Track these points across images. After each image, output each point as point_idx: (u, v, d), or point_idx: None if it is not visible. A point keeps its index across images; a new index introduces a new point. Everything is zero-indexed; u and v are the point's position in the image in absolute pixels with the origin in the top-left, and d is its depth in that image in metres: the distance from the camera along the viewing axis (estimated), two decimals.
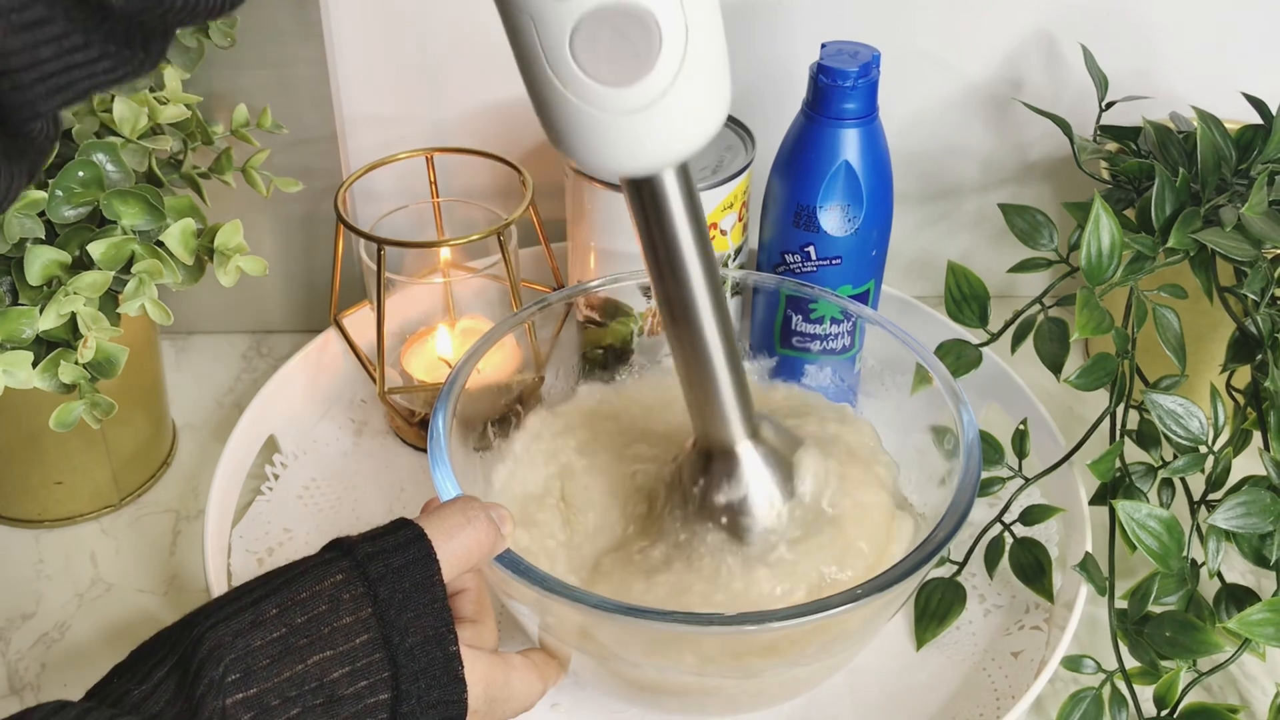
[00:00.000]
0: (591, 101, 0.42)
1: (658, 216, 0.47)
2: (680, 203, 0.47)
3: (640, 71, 0.42)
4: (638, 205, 0.47)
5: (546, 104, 0.43)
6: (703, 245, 0.48)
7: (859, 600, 0.49)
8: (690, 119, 0.44)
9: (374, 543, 0.45)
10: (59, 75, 0.35)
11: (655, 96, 0.42)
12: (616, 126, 0.43)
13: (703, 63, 0.43)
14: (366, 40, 0.80)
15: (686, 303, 0.49)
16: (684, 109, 0.43)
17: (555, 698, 0.61)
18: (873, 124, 0.66)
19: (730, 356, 0.51)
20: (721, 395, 0.52)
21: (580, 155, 0.44)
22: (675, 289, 0.49)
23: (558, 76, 0.42)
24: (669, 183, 0.46)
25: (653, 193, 0.46)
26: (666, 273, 0.49)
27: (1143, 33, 0.81)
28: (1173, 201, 0.65)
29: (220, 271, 0.63)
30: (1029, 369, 0.71)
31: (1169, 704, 0.57)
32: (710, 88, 0.44)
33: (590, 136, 0.43)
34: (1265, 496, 0.59)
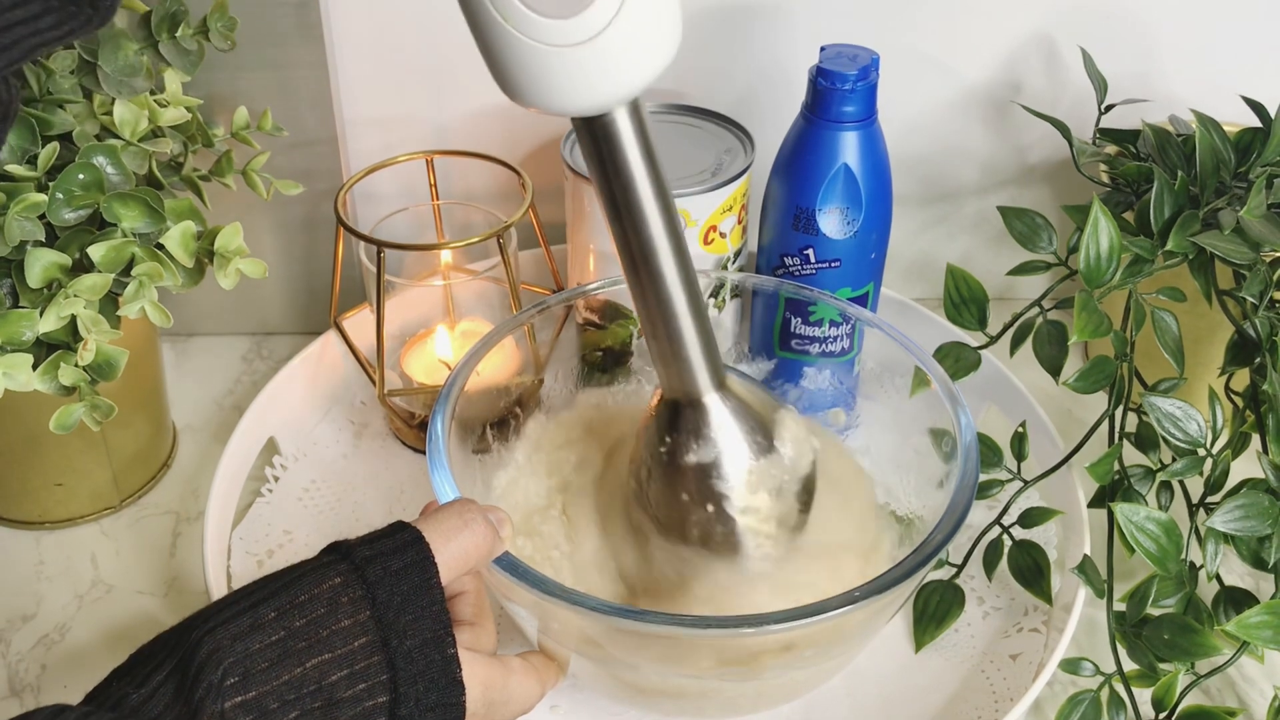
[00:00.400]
0: (535, 36, 0.41)
1: (611, 157, 0.46)
2: (634, 142, 0.46)
3: (583, 2, 0.41)
4: (591, 147, 0.46)
5: (491, 43, 0.42)
6: (659, 187, 0.47)
7: (857, 603, 0.49)
8: (637, 51, 0.43)
9: (372, 546, 0.45)
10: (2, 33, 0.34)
11: (600, 27, 0.41)
12: (562, 61, 0.42)
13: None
14: (366, 43, 0.80)
15: (645, 246, 0.48)
16: (630, 40, 0.42)
17: (554, 700, 0.61)
18: (872, 127, 0.66)
19: (693, 302, 0.50)
20: (685, 343, 0.51)
21: (527, 95, 0.43)
22: (633, 233, 0.48)
23: (498, 9, 0.41)
24: (621, 121, 0.45)
25: (605, 132, 0.45)
26: (624, 215, 0.47)
27: (1142, 36, 0.81)
28: (1171, 204, 0.65)
29: (220, 274, 0.64)
30: (1028, 372, 0.71)
31: (1167, 707, 0.57)
32: (657, 17, 0.43)
33: (536, 74, 0.42)
34: (1264, 499, 0.59)
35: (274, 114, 0.74)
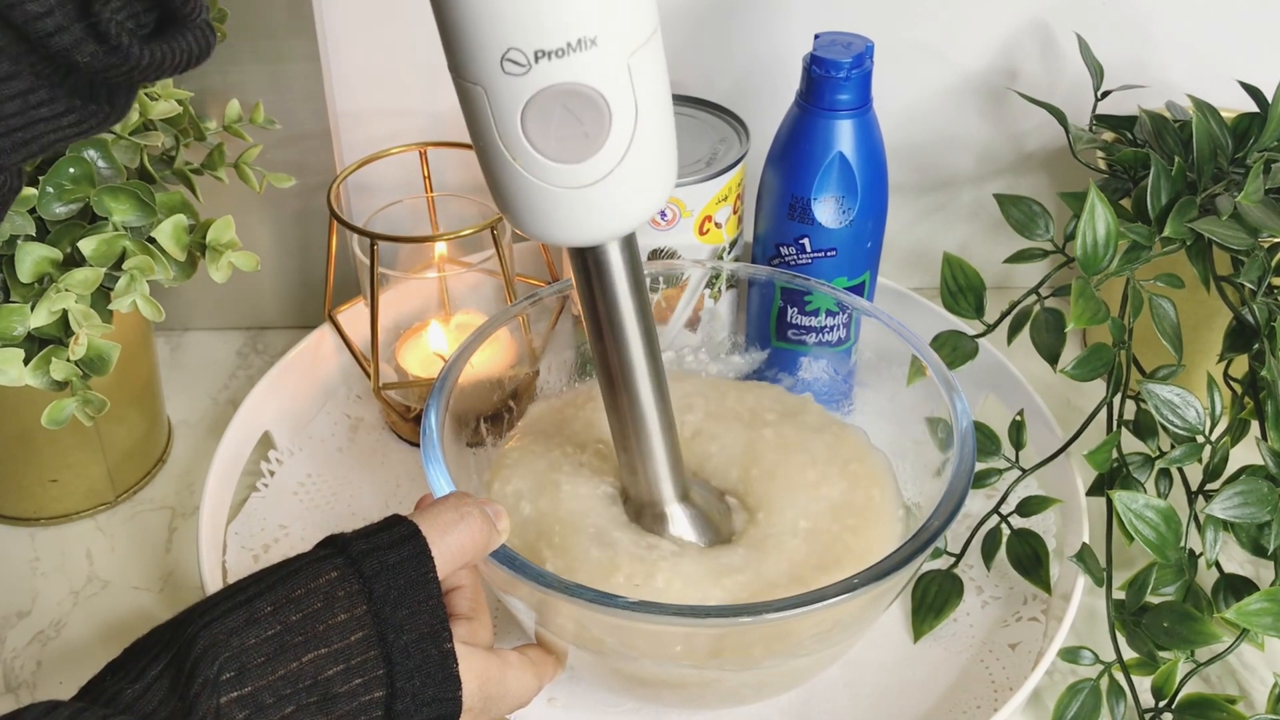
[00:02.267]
0: (540, 176, 0.43)
1: (601, 284, 0.48)
2: (623, 272, 0.48)
3: (589, 150, 0.42)
4: (581, 272, 0.48)
5: (495, 174, 0.44)
6: (643, 313, 0.49)
7: (855, 590, 0.49)
8: (635, 195, 0.45)
9: (368, 539, 0.45)
10: (23, 130, 0.35)
11: (602, 174, 0.43)
12: (564, 201, 0.44)
13: (650, 142, 0.44)
14: (359, 35, 0.79)
15: (625, 367, 0.50)
16: (630, 186, 0.44)
17: (552, 692, 0.61)
18: (867, 115, 0.66)
19: (665, 422, 0.53)
20: (655, 460, 0.54)
21: (526, 226, 0.45)
22: (615, 354, 0.50)
23: (508, 149, 0.42)
24: (613, 253, 0.47)
25: (597, 262, 0.47)
26: (607, 336, 0.50)
27: (1138, 22, 0.80)
28: (1169, 190, 0.64)
29: (213, 267, 0.63)
30: (1025, 360, 0.71)
31: (1167, 695, 0.57)
32: (656, 166, 0.45)
33: (537, 209, 0.44)
34: (1263, 486, 0.59)
35: (266, 107, 0.73)
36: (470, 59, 0.41)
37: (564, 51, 0.40)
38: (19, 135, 0.35)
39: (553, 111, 0.41)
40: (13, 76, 0.34)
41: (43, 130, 0.36)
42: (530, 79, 0.40)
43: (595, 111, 0.41)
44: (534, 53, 0.40)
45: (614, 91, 0.41)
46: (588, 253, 0.47)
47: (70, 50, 0.33)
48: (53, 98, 0.35)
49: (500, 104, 0.41)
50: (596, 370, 0.52)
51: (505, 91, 0.41)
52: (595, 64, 0.41)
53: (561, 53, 0.40)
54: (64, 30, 0.33)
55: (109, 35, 0.34)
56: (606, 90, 0.41)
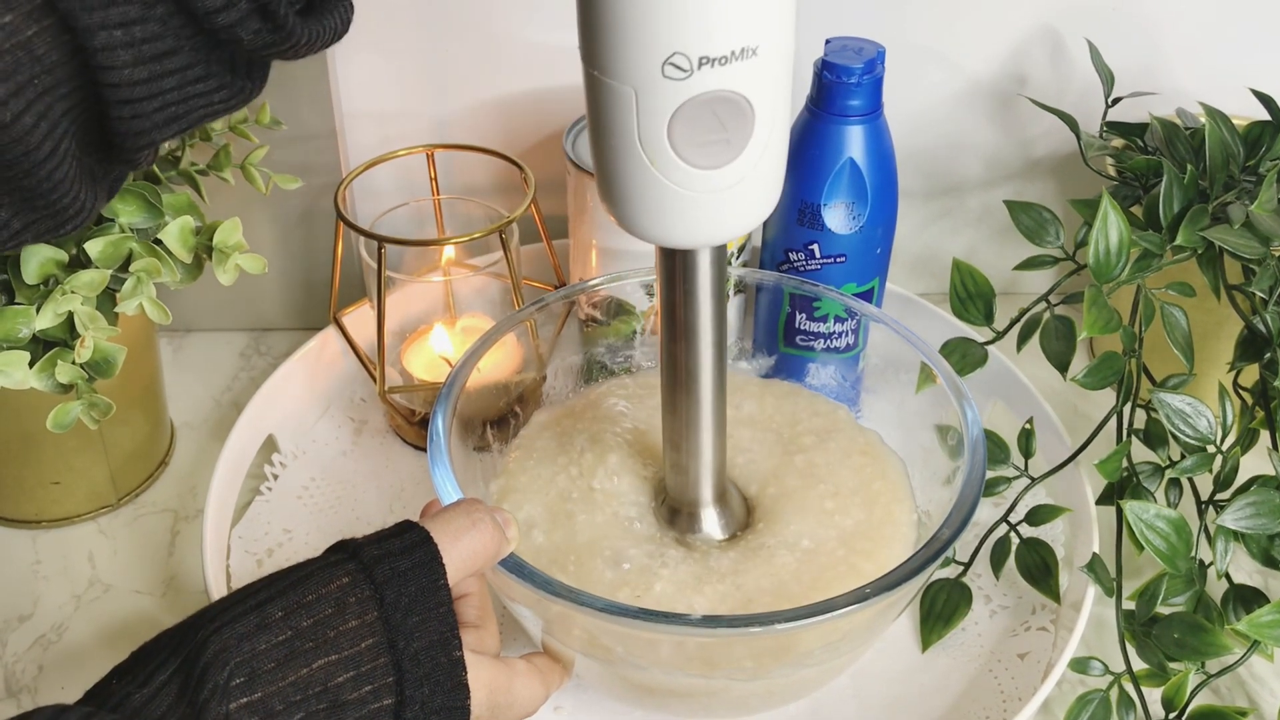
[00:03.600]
0: (673, 179, 0.43)
1: (687, 287, 0.48)
2: (710, 277, 0.48)
3: (728, 157, 0.42)
4: (669, 272, 0.48)
5: (622, 173, 0.43)
6: (720, 317, 0.49)
7: (866, 600, 0.48)
8: (753, 204, 0.45)
9: (380, 545, 0.45)
10: (178, 105, 0.35)
11: (733, 182, 0.43)
12: (688, 204, 0.43)
13: (778, 150, 0.44)
14: (366, 35, 0.79)
15: (694, 370, 0.50)
16: (751, 194, 0.44)
17: (558, 701, 0.60)
18: (877, 121, 0.66)
19: (719, 427, 0.53)
20: (702, 462, 0.54)
21: (635, 224, 0.45)
22: (686, 355, 0.50)
23: (646, 151, 0.42)
24: (705, 256, 0.47)
25: (688, 265, 0.47)
26: (680, 337, 0.50)
27: (1149, 28, 0.80)
28: (1180, 199, 0.64)
29: (219, 270, 0.63)
30: (1035, 367, 0.71)
31: (1177, 706, 0.57)
32: (776, 174, 0.45)
33: (657, 211, 0.44)
34: (1274, 496, 0.59)
35: (272, 108, 0.73)
36: (625, 59, 0.40)
37: (728, 59, 0.40)
38: (173, 110, 0.35)
39: (702, 117, 0.41)
40: (173, 52, 0.34)
41: (195, 105, 0.36)
42: (689, 84, 0.40)
43: (742, 119, 0.41)
44: (699, 59, 0.40)
45: (762, 100, 0.41)
46: (681, 255, 0.47)
47: (236, 26, 0.34)
48: (208, 74, 0.35)
49: (650, 106, 0.41)
50: (663, 368, 0.51)
51: (660, 95, 0.41)
52: (753, 72, 0.41)
53: (725, 60, 0.40)
54: (232, 7, 0.33)
55: (276, 14, 0.34)
56: (756, 99, 0.41)
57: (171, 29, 0.33)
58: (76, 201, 0.35)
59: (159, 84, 0.34)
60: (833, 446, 0.64)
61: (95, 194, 0.37)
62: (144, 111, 0.34)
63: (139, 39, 0.32)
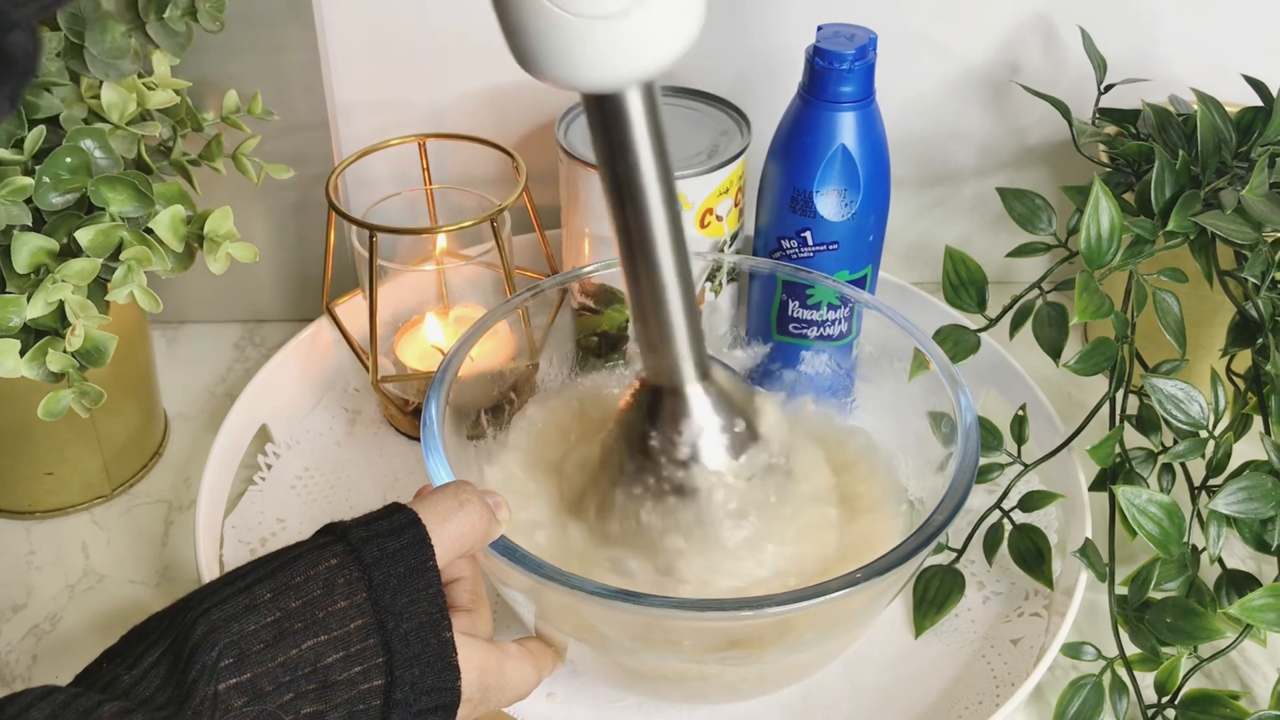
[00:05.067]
0: (565, 5, 0.40)
1: (620, 138, 0.45)
2: (644, 124, 0.45)
3: None
4: (599, 125, 0.45)
5: (515, 8, 0.41)
6: (665, 172, 0.46)
7: (858, 584, 0.48)
8: (665, 30, 0.42)
9: (368, 527, 0.45)
10: None
11: (630, 4, 0.40)
12: (589, 34, 0.41)
13: None
14: (358, 25, 0.79)
15: (644, 232, 0.47)
16: (660, 18, 0.41)
17: (551, 687, 0.60)
18: (869, 107, 0.66)
19: (686, 292, 0.49)
20: (674, 331, 0.51)
21: (544, 66, 0.42)
22: (634, 217, 0.47)
23: None
24: (634, 102, 0.44)
25: (616, 112, 0.44)
26: (626, 199, 0.47)
27: (1141, 15, 0.80)
28: (1172, 184, 0.64)
29: (210, 259, 0.63)
30: (1028, 354, 0.71)
31: (1170, 690, 0.57)
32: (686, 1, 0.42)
33: (559, 45, 0.41)
34: (1266, 481, 0.59)
35: (264, 97, 0.73)
36: None
37: None
38: None
39: None
40: None
41: None
42: None
43: None
44: None
45: None
46: (606, 101, 0.44)
47: None
48: None
49: None
50: (615, 236, 0.49)
51: None
52: None
53: None
54: None
55: None
56: None
57: None
58: None
59: None
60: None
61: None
62: None
63: None
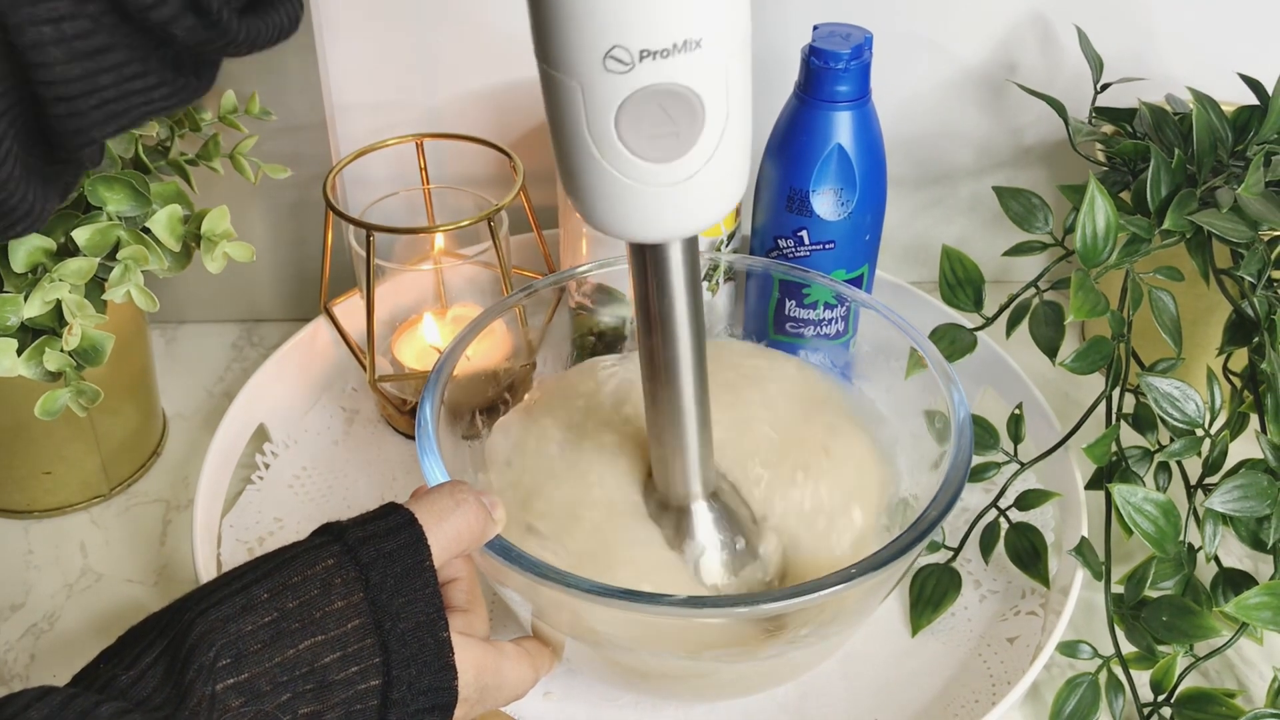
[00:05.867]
0: (625, 173, 0.43)
1: (659, 281, 0.48)
2: (683, 270, 0.48)
3: (679, 151, 0.42)
4: (640, 266, 0.48)
5: (576, 167, 0.43)
6: (696, 310, 0.49)
7: (852, 580, 0.48)
8: (714, 197, 0.44)
9: (364, 527, 0.45)
10: (116, 102, 0.35)
11: (687, 175, 0.43)
12: (644, 198, 0.43)
13: (736, 144, 0.43)
14: (356, 25, 0.79)
15: (671, 364, 0.50)
16: (710, 188, 0.44)
17: (548, 686, 0.60)
18: (865, 107, 0.66)
19: (702, 419, 0.53)
20: (687, 453, 0.54)
21: (599, 219, 0.45)
22: (662, 349, 0.50)
23: (596, 144, 0.42)
24: (676, 251, 0.47)
25: (658, 258, 0.47)
26: (657, 331, 0.49)
27: (1138, 14, 0.80)
28: (1169, 183, 0.64)
29: (207, 258, 0.63)
30: (1024, 353, 0.71)
31: (1166, 689, 0.57)
32: (736, 169, 0.45)
33: (615, 205, 0.44)
34: (1262, 480, 0.59)
35: (262, 97, 0.73)
36: (568, 52, 0.40)
37: (669, 52, 0.40)
38: (111, 108, 0.35)
39: (648, 111, 0.41)
40: (108, 49, 0.33)
41: (136, 103, 0.35)
42: (631, 78, 0.40)
43: (690, 113, 0.41)
44: (639, 51, 0.40)
45: (710, 94, 0.41)
46: (650, 249, 0.47)
47: (169, 23, 0.33)
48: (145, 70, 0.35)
49: (595, 100, 0.41)
50: (642, 363, 0.51)
51: (603, 88, 0.41)
52: (697, 66, 0.40)
53: (666, 53, 0.40)
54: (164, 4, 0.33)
55: (209, 9, 0.34)
56: (704, 92, 0.41)
57: (104, 26, 0.33)
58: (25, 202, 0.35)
59: (94, 81, 0.34)
60: None
61: (46, 195, 0.36)
62: (81, 109, 0.34)
63: (70, 35, 0.32)
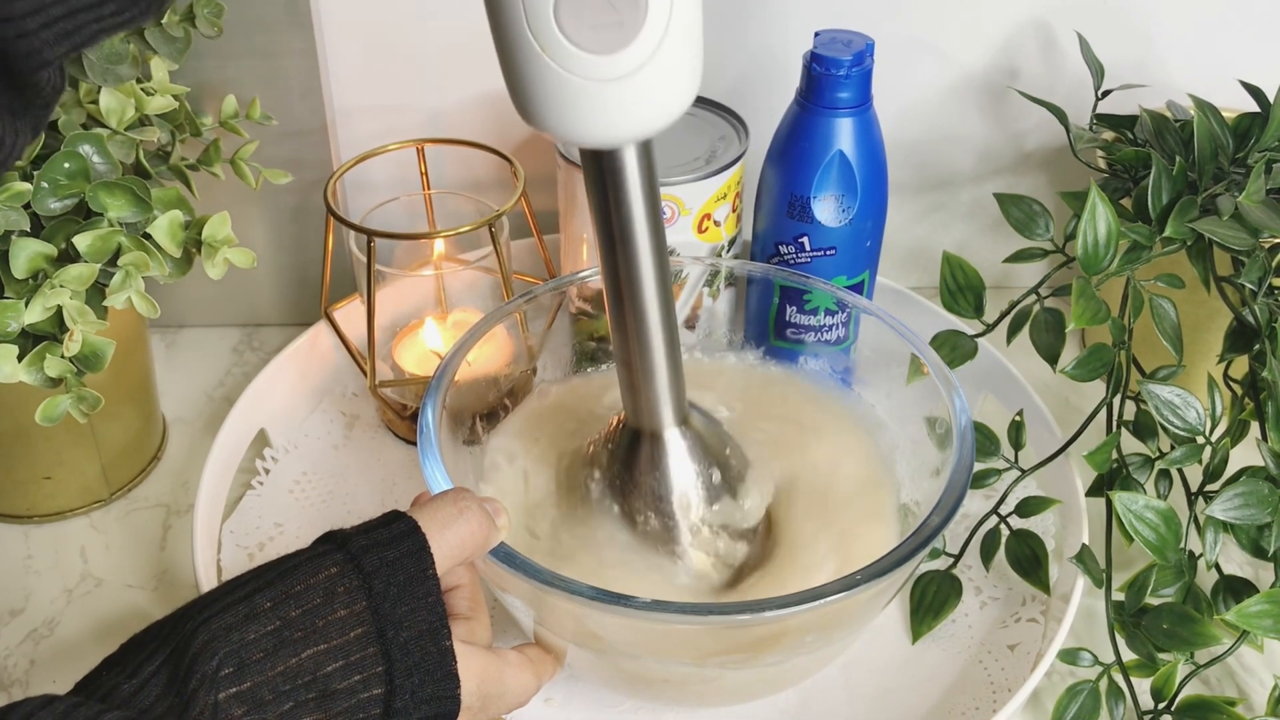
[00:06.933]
0: (568, 67, 0.42)
1: (615, 192, 0.47)
2: (639, 179, 0.46)
3: (623, 41, 0.41)
4: (595, 178, 0.47)
5: (520, 67, 0.43)
6: (655, 224, 0.48)
7: (856, 587, 0.48)
8: (663, 94, 0.43)
9: (368, 535, 0.45)
10: (65, 19, 0.35)
11: (633, 68, 0.42)
12: (591, 95, 0.42)
13: (682, 38, 0.42)
14: (357, 30, 0.79)
15: (633, 281, 0.49)
16: (658, 84, 0.43)
17: (549, 692, 0.60)
18: (867, 113, 0.66)
19: (670, 340, 0.51)
20: (656, 376, 0.52)
21: (547, 122, 0.44)
22: (624, 266, 0.49)
23: (537, 39, 0.41)
24: (630, 158, 0.46)
25: (613, 167, 0.46)
26: (618, 248, 0.48)
27: (1139, 21, 0.80)
28: (1170, 190, 0.64)
29: (208, 264, 0.63)
30: (1025, 360, 0.71)
31: (1166, 696, 0.57)
32: (686, 65, 0.44)
33: (562, 104, 0.43)
34: (1263, 487, 0.59)
35: (263, 102, 0.73)
36: None
37: None
38: (61, 26, 0.35)
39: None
40: None
41: (84, 20, 0.35)
42: None
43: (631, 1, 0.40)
44: None
45: None
46: (604, 156, 0.46)
47: None
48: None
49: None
50: (604, 281, 0.50)
51: None
52: None
53: None
54: None
55: None
56: None
57: None
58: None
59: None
60: None
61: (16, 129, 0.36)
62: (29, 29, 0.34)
63: None
